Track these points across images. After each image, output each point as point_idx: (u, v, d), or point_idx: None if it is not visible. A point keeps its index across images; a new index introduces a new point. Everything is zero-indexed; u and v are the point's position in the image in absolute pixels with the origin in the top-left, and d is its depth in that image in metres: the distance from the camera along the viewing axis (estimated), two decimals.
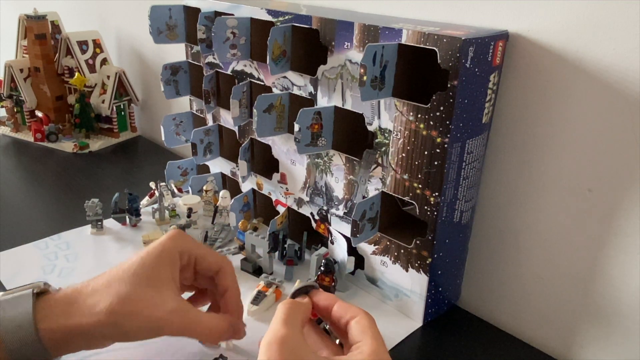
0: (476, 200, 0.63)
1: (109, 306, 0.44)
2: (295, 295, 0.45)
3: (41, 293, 0.45)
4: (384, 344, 0.40)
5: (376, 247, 0.64)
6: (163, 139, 0.84)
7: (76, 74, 1.14)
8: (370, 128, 0.59)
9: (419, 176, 0.56)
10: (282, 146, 0.71)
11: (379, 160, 0.60)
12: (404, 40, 0.53)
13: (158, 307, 0.45)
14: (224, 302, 0.52)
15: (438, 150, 0.53)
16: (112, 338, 0.46)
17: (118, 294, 0.44)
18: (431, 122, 0.53)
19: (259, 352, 0.38)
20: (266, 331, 0.39)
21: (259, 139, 0.71)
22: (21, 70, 1.18)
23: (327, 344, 0.44)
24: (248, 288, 0.65)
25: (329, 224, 0.69)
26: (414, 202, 0.58)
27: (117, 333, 0.45)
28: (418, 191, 0.57)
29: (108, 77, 1.16)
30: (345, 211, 0.66)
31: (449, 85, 0.50)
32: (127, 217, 0.80)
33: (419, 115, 0.54)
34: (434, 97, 0.52)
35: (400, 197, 0.59)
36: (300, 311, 0.42)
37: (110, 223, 0.80)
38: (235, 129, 0.79)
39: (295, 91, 0.67)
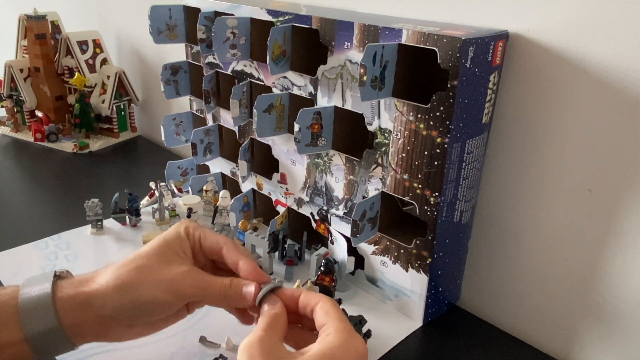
0: (476, 200, 0.63)
1: (120, 275, 0.46)
2: (262, 300, 0.45)
3: (62, 278, 0.47)
4: (347, 321, 0.42)
5: (376, 247, 0.64)
6: (163, 139, 0.84)
7: (76, 74, 1.14)
8: (370, 128, 0.59)
9: (419, 176, 0.56)
10: (282, 146, 0.71)
11: (379, 160, 0.60)
12: (404, 40, 0.53)
13: (171, 270, 0.46)
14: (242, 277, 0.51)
15: (438, 150, 0.53)
16: (126, 312, 0.46)
17: (131, 267, 0.46)
18: (431, 122, 0.53)
19: (238, 353, 0.39)
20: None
21: (259, 139, 0.71)
22: (21, 70, 1.18)
23: (307, 337, 0.44)
24: None
25: (329, 224, 0.69)
26: (414, 202, 0.58)
27: (130, 303, 0.45)
28: (418, 191, 0.57)
29: (108, 77, 1.16)
30: (345, 211, 0.66)
31: (449, 85, 0.50)
32: (127, 217, 0.80)
33: (419, 115, 0.54)
34: (434, 97, 0.52)
35: (400, 197, 0.59)
36: (279, 322, 0.43)
37: (110, 223, 0.80)
38: (235, 129, 0.79)
39: (295, 91, 0.67)
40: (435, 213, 0.56)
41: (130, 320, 0.46)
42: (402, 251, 0.61)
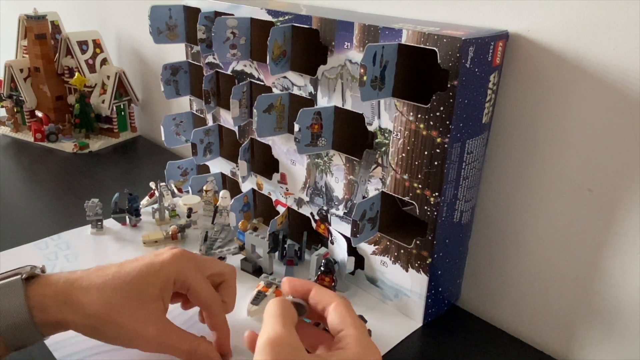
0: (476, 200, 0.63)
1: (96, 312, 0.46)
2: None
3: (30, 278, 0.47)
4: (364, 327, 0.41)
5: (376, 247, 0.64)
6: (163, 139, 0.84)
7: (76, 74, 1.14)
8: (370, 128, 0.59)
9: (419, 176, 0.56)
10: (282, 146, 0.71)
11: (379, 160, 0.60)
12: (404, 40, 0.53)
13: (139, 324, 0.47)
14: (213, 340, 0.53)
15: (438, 150, 0.53)
16: (94, 337, 0.48)
17: (108, 301, 0.46)
18: (431, 122, 0.53)
19: (255, 352, 0.38)
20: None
21: (259, 139, 0.71)
22: (21, 70, 1.18)
23: (321, 339, 0.44)
24: (248, 288, 0.65)
25: (329, 224, 0.69)
26: (414, 202, 0.58)
27: (97, 335, 0.48)
28: (418, 191, 0.57)
29: (108, 77, 1.16)
30: (345, 211, 0.66)
31: (449, 85, 0.50)
32: (127, 217, 0.80)
33: (419, 115, 0.54)
34: (434, 97, 0.52)
35: (400, 197, 0.59)
36: (291, 310, 0.42)
37: (110, 223, 0.80)
38: (235, 129, 0.79)
39: (295, 91, 0.67)
40: (435, 213, 0.56)
41: (98, 340, 0.49)
42: (402, 251, 0.61)
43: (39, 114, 1.18)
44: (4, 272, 0.48)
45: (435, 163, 0.54)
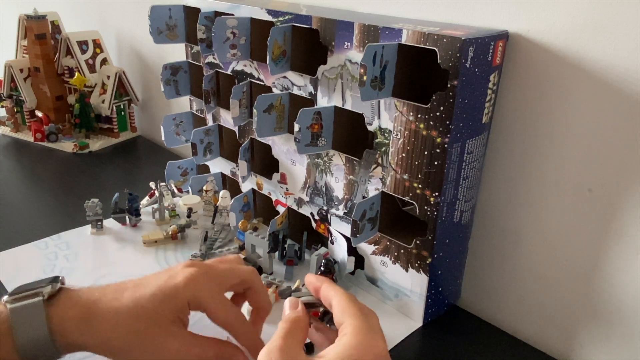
0: (476, 200, 0.63)
1: (116, 340, 0.45)
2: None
3: (52, 296, 0.46)
4: (365, 319, 0.40)
5: (376, 247, 0.64)
6: (163, 139, 0.84)
7: (76, 74, 1.14)
8: (370, 128, 0.59)
9: (419, 176, 0.56)
10: (282, 146, 0.71)
11: (379, 160, 0.60)
12: (404, 40, 0.53)
13: (160, 347, 0.46)
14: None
15: (438, 150, 0.53)
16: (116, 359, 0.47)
17: (128, 330, 0.46)
18: (431, 122, 0.53)
19: None
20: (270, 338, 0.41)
21: (259, 139, 0.71)
22: (21, 70, 1.18)
23: (332, 337, 0.44)
24: None
25: (329, 224, 0.69)
26: (414, 202, 0.58)
27: (119, 358, 0.47)
28: (418, 191, 0.57)
29: (108, 77, 1.16)
30: (345, 211, 0.66)
31: (449, 85, 0.50)
32: (127, 217, 0.80)
33: (419, 115, 0.54)
34: (434, 97, 0.52)
35: (400, 197, 0.59)
36: (299, 327, 0.42)
37: (110, 223, 0.80)
38: (235, 129, 0.79)
39: (295, 91, 0.67)
40: (435, 213, 0.56)
41: None
42: (402, 251, 0.61)
43: (39, 114, 1.18)
44: (22, 287, 0.47)
45: (435, 163, 0.54)
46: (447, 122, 0.52)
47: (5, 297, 0.46)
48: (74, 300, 0.47)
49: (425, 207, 0.57)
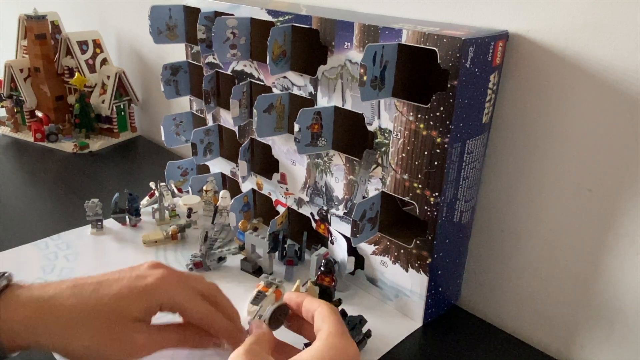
0: (476, 200, 0.63)
1: (71, 339, 0.44)
2: (271, 320, 0.48)
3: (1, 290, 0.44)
4: (343, 325, 0.43)
5: (376, 247, 0.64)
6: (163, 139, 0.84)
7: (76, 74, 1.14)
8: (370, 128, 0.59)
9: (419, 176, 0.56)
10: (282, 146, 0.71)
11: (379, 160, 0.60)
12: (404, 40, 0.53)
13: (125, 343, 0.45)
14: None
15: (438, 150, 0.53)
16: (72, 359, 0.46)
17: (87, 328, 0.44)
18: (431, 122, 0.53)
19: None
20: None
21: (259, 139, 0.71)
22: (21, 70, 1.18)
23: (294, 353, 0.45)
24: (248, 288, 0.65)
25: (329, 224, 0.69)
26: (414, 202, 0.58)
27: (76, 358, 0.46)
28: (418, 191, 0.57)
29: (108, 77, 1.16)
30: (345, 211, 0.66)
31: (449, 85, 0.50)
32: (127, 217, 0.80)
33: (419, 115, 0.54)
34: (434, 97, 0.52)
35: (400, 197, 0.59)
36: (264, 339, 0.44)
37: (110, 223, 0.80)
38: (235, 129, 0.79)
39: (295, 91, 0.67)
40: (435, 213, 0.56)
41: None
42: (402, 251, 0.61)
43: (39, 114, 1.18)
44: None
45: (435, 163, 0.54)
46: (447, 122, 0.52)
47: None
48: (23, 300, 0.44)
49: (425, 207, 0.57)
